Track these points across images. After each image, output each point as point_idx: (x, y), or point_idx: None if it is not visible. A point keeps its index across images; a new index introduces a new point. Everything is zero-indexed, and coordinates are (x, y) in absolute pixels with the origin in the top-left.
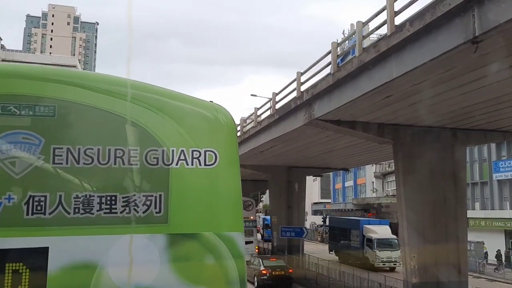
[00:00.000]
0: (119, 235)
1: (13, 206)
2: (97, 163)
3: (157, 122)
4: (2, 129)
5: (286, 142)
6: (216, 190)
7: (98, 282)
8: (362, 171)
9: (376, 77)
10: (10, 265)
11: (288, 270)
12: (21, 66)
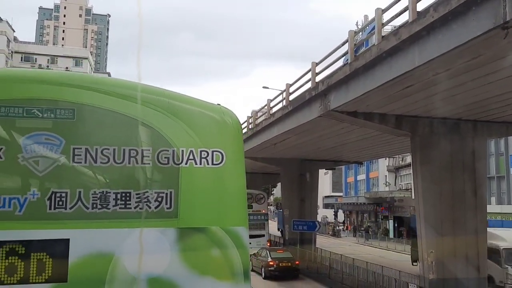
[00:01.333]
0: (133, 229)
1: (37, 201)
2: (113, 162)
3: (168, 124)
4: (27, 130)
5: (300, 134)
6: (223, 187)
7: (114, 270)
8: (375, 164)
9: (396, 66)
10: (34, 254)
11: (295, 262)
12: (42, 71)
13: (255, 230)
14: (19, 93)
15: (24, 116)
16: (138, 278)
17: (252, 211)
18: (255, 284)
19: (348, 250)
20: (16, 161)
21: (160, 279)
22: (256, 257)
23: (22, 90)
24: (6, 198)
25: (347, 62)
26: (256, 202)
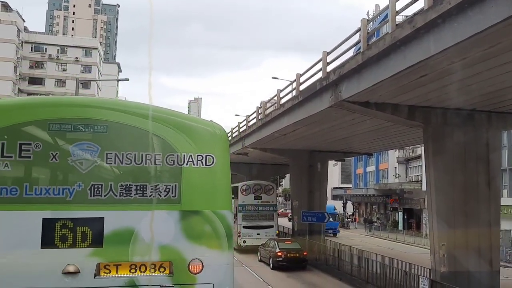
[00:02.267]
0: (149, 211)
1: (82, 191)
2: (134, 163)
3: (173, 136)
4: (74, 140)
5: (310, 125)
6: (213, 182)
7: (135, 240)
8: (385, 156)
9: (410, 55)
10: (80, 228)
11: (303, 253)
12: (84, 98)
13: (264, 221)
14: (68, 114)
15: (72, 130)
16: (152, 245)
17: (261, 202)
18: (263, 274)
19: (357, 241)
20: (67, 162)
21: (167, 246)
22: (264, 247)
23: (70, 112)
24: (60, 188)
25: (358, 51)
26: (265, 193)
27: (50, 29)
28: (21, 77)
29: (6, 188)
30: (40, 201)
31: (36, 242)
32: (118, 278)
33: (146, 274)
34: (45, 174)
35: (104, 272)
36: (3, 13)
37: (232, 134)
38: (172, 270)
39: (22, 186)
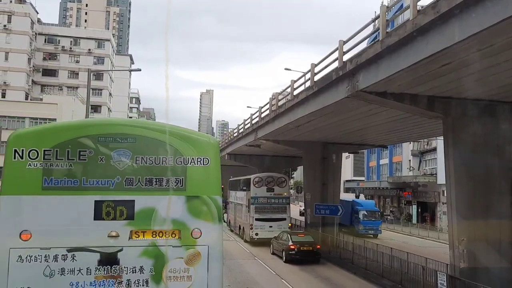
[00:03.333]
0: (165, 196)
1: (120, 182)
2: (154, 163)
3: (181, 144)
4: (114, 148)
5: (325, 116)
6: (208, 176)
7: (155, 215)
8: (399, 148)
9: (433, 42)
10: (118, 207)
11: (316, 246)
12: (121, 119)
13: (276, 213)
14: (110, 130)
15: (113, 141)
16: (166, 219)
17: (274, 194)
18: (276, 267)
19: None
20: (109, 163)
21: (177, 220)
22: (277, 240)
23: (111, 129)
24: (105, 180)
25: (373, 42)
26: (278, 186)
27: (63, 21)
28: (35, 68)
29: (71, 180)
30: (93, 189)
31: (90, 216)
32: (144, 240)
33: (163, 238)
34: (95, 171)
35: (135, 236)
36: (17, 4)
37: (244, 125)
38: (180, 236)
39: (81, 179)
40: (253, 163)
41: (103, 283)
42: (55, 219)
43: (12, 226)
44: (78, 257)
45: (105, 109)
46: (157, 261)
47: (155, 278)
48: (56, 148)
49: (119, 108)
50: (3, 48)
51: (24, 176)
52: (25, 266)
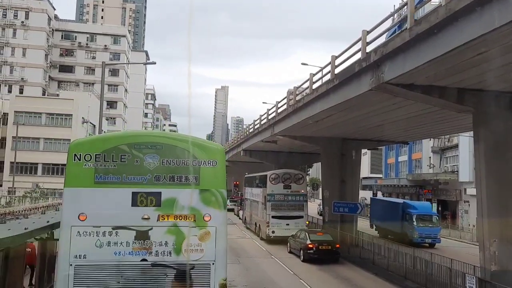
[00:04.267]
0: (184, 189)
1: (150, 178)
2: (176, 164)
3: (196, 150)
4: (146, 153)
5: (345, 111)
6: (216, 174)
7: (176, 204)
8: (418, 145)
9: (469, 28)
10: (149, 196)
11: (336, 245)
12: (151, 131)
13: (293, 211)
14: (143, 140)
15: (145, 148)
16: (185, 206)
17: (290, 192)
18: (294, 266)
19: None
20: (143, 164)
21: (193, 207)
22: (294, 238)
23: (144, 139)
24: (139, 177)
25: (392, 35)
26: (295, 183)
27: (80, 17)
28: (52, 64)
29: (114, 176)
30: (130, 183)
31: (128, 203)
32: (168, 222)
33: (182, 221)
34: (132, 170)
35: (161, 219)
36: (34, 1)
37: (261, 121)
38: (195, 219)
39: (122, 176)
40: (269, 159)
41: (138, 253)
42: (103, 205)
43: (73, 210)
44: (120, 233)
45: (120, 105)
46: (177, 237)
47: (176, 250)
48: (104, 153)
49: (134, 104)
50: (21, 44)
51: (81, 173)
52: (82, 239)
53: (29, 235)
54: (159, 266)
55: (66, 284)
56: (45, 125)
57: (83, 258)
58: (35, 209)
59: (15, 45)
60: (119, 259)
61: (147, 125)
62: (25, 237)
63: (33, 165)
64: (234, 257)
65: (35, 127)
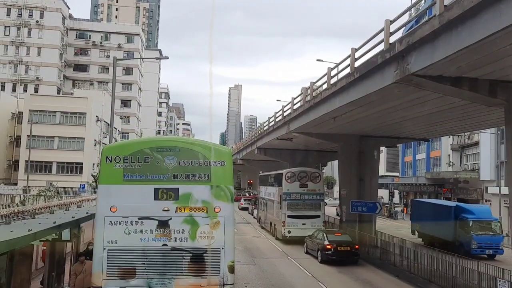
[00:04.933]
0: (197, 185)
1: (169, 176)
2: (191, 165)
3: (207, 153)
4: (166, 155)
5: (365, 106)
6: (224, 173)
7: (191, 198)
8: (437, 142)
9: (508, 11)
10: (169, 192)
11: (355, 246)
12: (169, 137)
13: (309, 210)
14: (163, 144)
15: (164, 151)
16: (199, 200)
17: (307, 190)
18: (311, 268)
19: (407, 233)
20: (163, 165)
21: (205, 200)
22: (311, 239)
23: (163, 143)
24: (160, 175)
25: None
26: (311, 181)
27: (94, 17)
28: (67, 63)
29: (139, 175)
30: (153, 181)
31: (151, 197)
32: (184, 213)
33: (196, 212)
34: (154, 170)
35: (179, 210)
36: (49, 0)
37: (275, 118)
38: (207, 211)
39: (145, 174)
40: (284, 157)
41: (159, 239)
42: (130, 199)
43: (106, 203)
44: (145, 222)
45: (134, 103)
46: (192, 226)
47: (191, 237)
48: (131, 155)
49: (148, 103)
50: (36, 43)
51: (112, 172)
52: (113, 227)
53: (33, 237)
54: (177, 250)
55: (101, 265)
56: (59, 123)
57: (115, 243)
58: (47, 208)
59: (30, 45)
60: (144, 244)
61: (161, 124)
62: (27, 239)
63: (48, 164)
64: (250, 258)
65: (49, 125)
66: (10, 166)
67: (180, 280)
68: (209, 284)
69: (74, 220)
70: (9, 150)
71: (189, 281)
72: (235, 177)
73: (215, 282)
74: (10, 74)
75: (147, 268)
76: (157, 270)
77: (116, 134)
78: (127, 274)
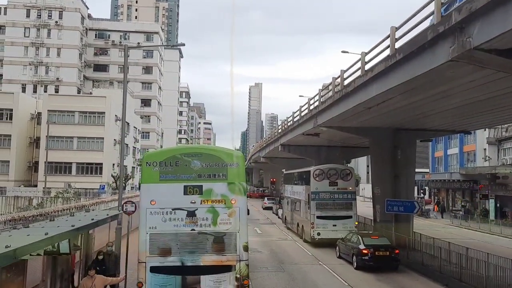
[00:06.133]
0: (217, 182)
1: (194, 176)
2: (212, 166)
3: (224, 156)
4: (192, 160)
5: (407, 93)
6: (237, 172)
7: (212, 192)
8: (471, 136)
9: None
10: (195, 188)
11: (394, 251)
12: (194, 145)
13: (340, 210)
14: (189, 151)
15: (191, 156)
16: (218, 194)
17: (337, 189)
18: (347, 276)
19: (443, 233)
20: (190, 167)
21: (223, 194)
22: (344, 242)
23: (190, 150)
24: (188, 175)
25: None
26: (342, 179)
27: (114, 18)
28: (86, 64)
29: (172, 175)
30: (182, 180)
31: (181, 193)
32: (207, 205)
33: (216, 203)
34: (183, 171)
35: (203, 202)
36: (67, 0)
37: (301, 112)
38: (225, 202)
39: (176, 175)
40: (309, 154)
41: (189, 225)
42: (165, 194)
43: (147, 198)
44: (177, 212)
45: (154, 103)
46: (214, 215)
47: (213, 223)
48: (165, 160)
49: (169, 102)
50: (55, 44)
51: (151, 174)
52: (153, 216)
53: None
54: (203, 234)
55: (145, 245)
56: (78, 123)
57: (154, 228)
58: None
59: (50, 45)
60: (177, 229)
61: (182, 123)
62: (9, 256)
63: (67, 165)
64: (278, 264)
65: (68, 125)
66: (30, 168)
67: (205, 257)
68: (228, 260)
69: (71, 230)
70: (29, 152)
71: (212, 258)
72: (257, 175)
73: (233, 258)
74: (30, 75)
75: (179, 248)
76: (187, 249)
77: (137, 133)
78: (164, 253)
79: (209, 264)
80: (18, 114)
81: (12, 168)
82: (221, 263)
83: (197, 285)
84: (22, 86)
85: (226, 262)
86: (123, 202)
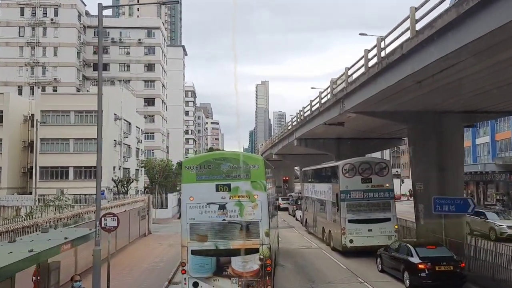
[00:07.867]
0: (242, 181)
1: (224, 176)
2: (236, 167)
3: (247, 159)
4: (222, 163)
5: (488, 51)
6: (258, 172)
7: (239, 189)
8: (502, 123)
9: None
10: (224, 186)
11: (460, 264)
12: (222, 151)
13: (376, 212)
14: (218, 156)
15: (221, 160)
16: (244, 190)
17: (372, 187)
18: None
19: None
20: (220, 168)
21: (247, 190)
22: (388, 253)
23: (219, 156)
24: (219, 175)
25: None
26: (377, 174)
27: (116, 16)
28: (86, 63)
29: (205, 176)
30: (214, 179)
31: (214, 190)
32: (235, 199)
33: (242, 198)
34: (215, 172)
35: (231, 197)
36: None
37: (321, 99)
38: (249, 197)
39: (210, 176)
40: (329, 148)
41: (220, 216)
42: (201, 192)
43: (187, 194)
44: (211, 206)
45: (158, 101)
46: (240, 207)
47: (240, 214)
48: (200, 164)
49: (174, 102)
50: (52, 43)
51: (189, 175)
52: (192, 209)
53: None
54: (232, 223)
55: (186, 233)
56: (74, 124)
57: (193, 219)
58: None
59: (46, 44)
60: (211, 220)
61: (188, 123)
62: None
63: (64, 169)
64: (307, 284)
65: (64, 126)
66: (25, 174)
67: (234, 242)
68: (253, 244)
69: None
70: (24, 157)
71: (240, 242)
72: None
73: (257, 243)
74: (27, 76)
75: (213, 234)
76: (220, 235)
77: (139, 133)
78: (201, 238)
79: (238, 247)
80: (9, 116)
81: (4, 175)
82: (247, 246)
83: (228, 264)
84: (19, 88)
85: (252, 246)
86: (102, 215)
